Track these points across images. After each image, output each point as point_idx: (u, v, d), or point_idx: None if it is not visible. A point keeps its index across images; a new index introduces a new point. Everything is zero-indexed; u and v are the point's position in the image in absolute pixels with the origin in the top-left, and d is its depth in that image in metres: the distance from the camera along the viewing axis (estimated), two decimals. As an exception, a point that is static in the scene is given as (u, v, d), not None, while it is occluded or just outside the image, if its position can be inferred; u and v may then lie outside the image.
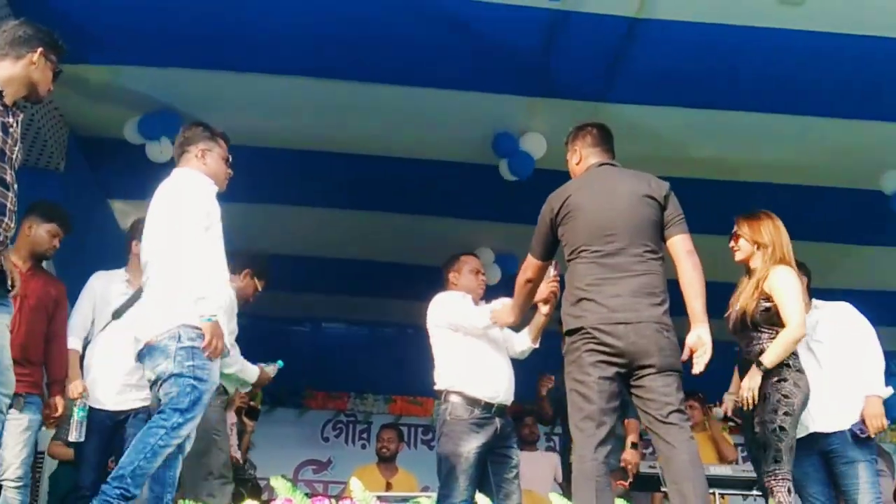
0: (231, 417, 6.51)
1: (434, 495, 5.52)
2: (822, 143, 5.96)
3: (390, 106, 5.67)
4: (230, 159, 4.03)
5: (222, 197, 3.94)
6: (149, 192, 3.96)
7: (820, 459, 4.52)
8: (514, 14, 4.86)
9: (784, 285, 4.11)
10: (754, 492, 5.43)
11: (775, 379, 4.03)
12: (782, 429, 3.98)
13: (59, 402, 4.54)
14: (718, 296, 4.10)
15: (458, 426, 4.49)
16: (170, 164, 4.13)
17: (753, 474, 5.27)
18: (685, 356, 3.63)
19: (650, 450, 6.80)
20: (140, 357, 3.77)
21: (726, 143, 6.04)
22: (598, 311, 3.58)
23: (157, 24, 4.92)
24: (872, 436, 4.47)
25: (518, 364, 4.85)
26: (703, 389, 6.69)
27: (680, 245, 3.71)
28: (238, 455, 6.52)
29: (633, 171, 3.89)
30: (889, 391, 4.66)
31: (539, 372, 6.62)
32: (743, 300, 4.21)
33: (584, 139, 4.02)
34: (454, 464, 4.40)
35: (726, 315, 4.31)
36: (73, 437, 4.58)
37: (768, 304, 4.12)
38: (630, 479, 5.34)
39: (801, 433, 4.51)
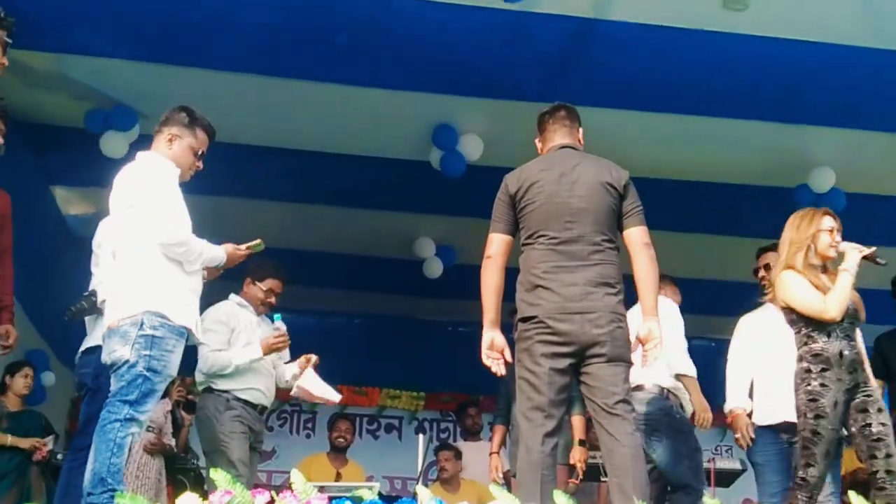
0: (166, 405, 6.47)
1: (377, 485, 5.57)
2: (754, 145, 6.06)
3: (334, 104, 5.69)
4: (202, 153, 3.94)
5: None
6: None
7: (785, 449, 4.60)
8: (462, 14, 4.89)
9: None
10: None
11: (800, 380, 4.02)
12: (816, 433, 3.92)
13: (10, 330, 4.45)
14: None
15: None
16: (121, 158, 4.08)
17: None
18: (634, 348, 3.66)
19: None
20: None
21: (668, 145, 6.10)
22: (554, 299, 3.56)
23: (103, 14, 4.87)
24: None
25: (465, 353, 4.87)
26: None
27: (637, 237, 3.70)
28: (172, 443, 6.48)
29: (594, 157, 3.84)
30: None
31: None
32: (853, 297, 4.14)
33: (548, 121, 3.97)
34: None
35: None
36: None
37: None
38: (580, 477, 5.39)
39: (771, 420, 4.62)
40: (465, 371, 5.99)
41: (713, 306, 6.78)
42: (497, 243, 3.76)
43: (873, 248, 4.18)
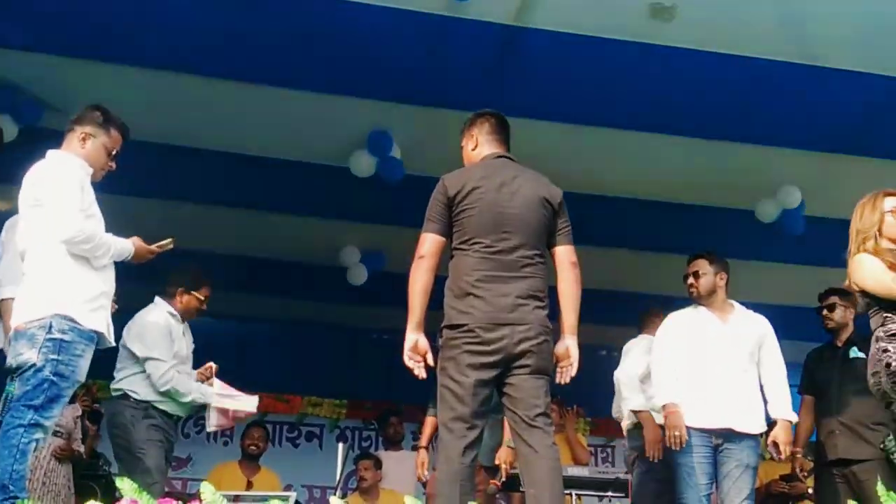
0: (76, 411, 6.31)
1: (293, 495, 5.48)
2: (690, 163, 6.12)
3: (261, 106, 5.61)
4: (116, 153, 3.88)
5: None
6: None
7: (712, 453, 4.63)
8: (392, 19, 4.86)
9: None
10: (609, 493, 5.58)
11: None
12: None
13: None
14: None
15: None
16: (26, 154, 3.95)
17: (609, 476, 5.46)
18: (553, 363, 3.68)
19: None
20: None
21: (598, 159, 6.13)
22: (485, 308, 3.57)
23: (13, 4, 4.72)
24: (783, 458, 4.65)
25: (389, 362, 4.82)
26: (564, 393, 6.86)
27: (565, 256, 3.76)
28: (82, 449, 6.32)
29: (531, 171, 3.86)
30: (795, 417, 4.85)
31: None
32: None
33: (481, 126, 3.96)
34: None
35: None
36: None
37: None
38: (503, 479, 5.38)
39: (705, 424, 4.64)
40: (388, 379, 5.97)
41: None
42: (430, 243, 3.71)
43: None
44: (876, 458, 4.94)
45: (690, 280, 4.92)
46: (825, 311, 5.36)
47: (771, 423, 4.78)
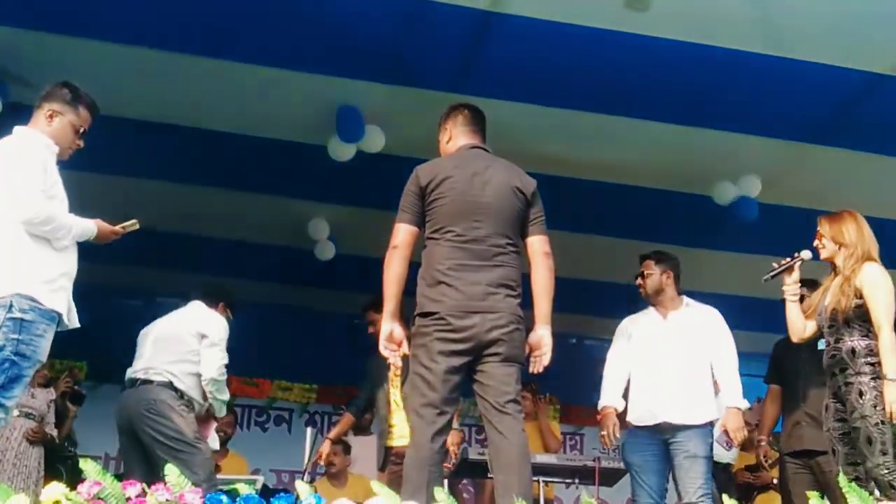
0: (51, 394, 6.29)
1: (260, 479, 5.47)
2: (661, 147, 6.15)
3: (235, 82, 5.54)
4: (84, 131, 3.83)
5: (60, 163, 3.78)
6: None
7: (662, 449, 4.70)
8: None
9: (873, 282, 4.12)
10: (576, 480, 5.62)
11: (870, 377, 4.02)
12: (884, 422, 3.96)
13: None
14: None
15: None
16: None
17: (577, 463, 5.49)
18: (527, 352, 3.72)
19: (483, 435, 6.91)
20: None
21: (572, 142, 6.13)
22: (456, 297, 3.60)
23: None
24: (736, 446, 4.68)
25: (359, 346, 4.81)
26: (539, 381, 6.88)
27: (538, 245, 3.81)
28: (55, 433, 6.29)
29: (504, 161, 3.91)
30: (746, 404, 4.91)
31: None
32: (833, 298, 4.21)
33: (455, 119, 4.01)
34: None
35: (809, 311, 4.35)
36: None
37: (860, 301, 4.11)
38: (454, 461, 5.39)
39: (648, 421, 4.70)
40: (358, 364, 5.94)
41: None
42: (403, 233, 3.76)
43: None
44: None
45: (639, 280, 5.04)
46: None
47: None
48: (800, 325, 4.42)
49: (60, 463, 6.45)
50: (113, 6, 4.89)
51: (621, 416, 4.89)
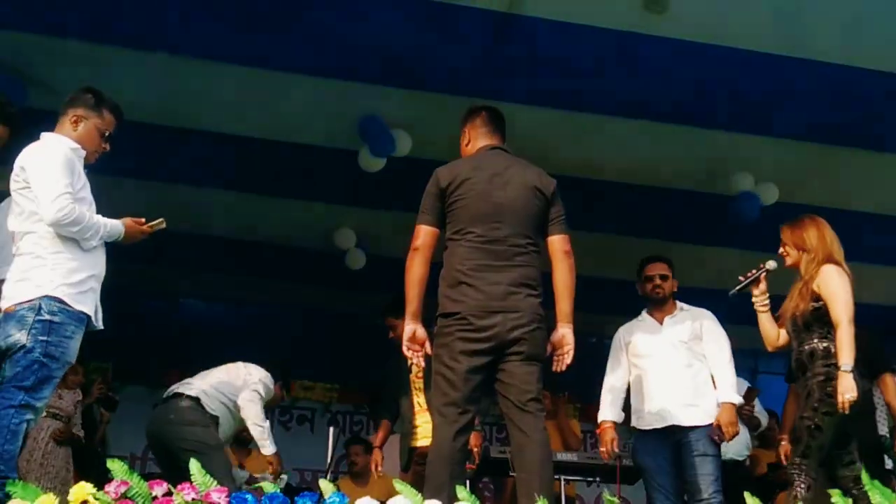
0: (78, 395, 6.35)
1: (284, 477, 5.53)
2: (680, 149, 6.15)
3: (254, 88, 5.61)
4: (109, 134, 3.88)
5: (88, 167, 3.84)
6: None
7: (673, 451, 4.73)
8: (392, 4, 4.88)
9: (831, 283, 4.14)
10: (598, 479, 5.63)
11: (822, 378, 4.04)
12: (818, 427, 3.98)
13: None
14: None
15: None
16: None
17: (598, 461, 5.51)
18: (549, 351, 3.74)
19: (504, 434, 6.93)
20: None
21: (593, 145, 6.14)
22: (477, 297, 3.62)
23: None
24: (728, 440, 4.72)
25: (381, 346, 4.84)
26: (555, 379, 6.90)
27: (559, 245, 3.81)
28: (81, 434, 6.35)
29: (524, 161, 3.92)
30: (740, 400, 4.95)
31: None
32: (792, 302, 4.25)
33: (473, 121, 4.03)
34: None
35: (778, 316, 4.38)
36: None
37: (818, 304, 4.14)
38: (476, 462, 5.43)
39: (657, 424, 4.74)
40: (380, 364, 5.98)
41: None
42: (424, 235, 3.77)
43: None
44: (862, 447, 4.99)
45: (657, 282, 5.00)
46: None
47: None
48: (772, 335, 4.43)
49: (88, 463, 6.52)
50: (137, 14, 4.95)
51: (624, 423, 4.94)
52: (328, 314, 9.01)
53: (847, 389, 3.93)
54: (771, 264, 4.46)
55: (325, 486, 3.04)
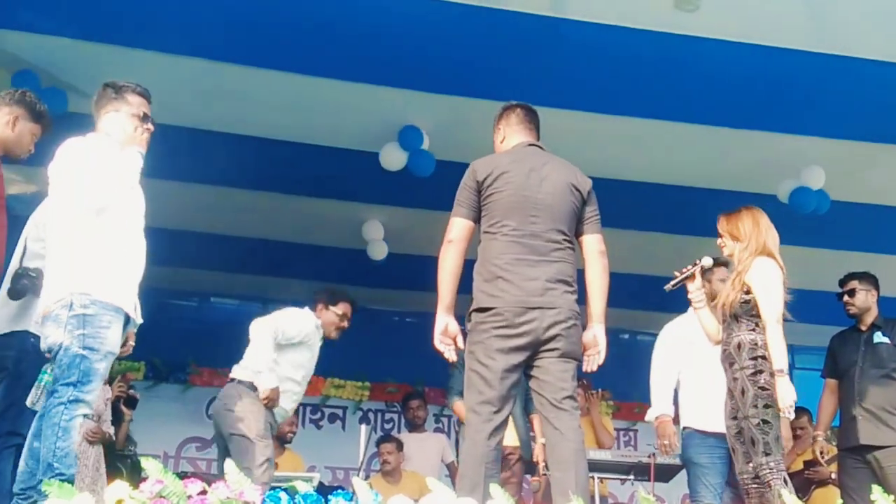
0: (107, 392, 6.39)
1: (317, 476, 5.53)
2: (718, 149, 6.11)
3: (292, 93, 5.64)
4: (145, 114, 3.81)
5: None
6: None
7: (727, 453, 4.65)
8: (424, 8, 4.87)
9: (761, 276, 4.14)
10: (631, 477, 5.58)
11: (751, 373, 4.03)
12: (766, 422, 3.96)
13: None
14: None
15: None
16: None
17: (632, 459, 5.46)
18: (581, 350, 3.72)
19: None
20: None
21: (630, 147, 6.13)
22: (515, 292, 3.59)
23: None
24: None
25: (412, 344, 4.85)
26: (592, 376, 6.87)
27: (594, 244, 3.79)
28: (112, 431, 6.39)
29: (560, 159, 3.89)
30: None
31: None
32: (724, 293, 4.25)
33: (507, 118, 4.01)
34: None
35: (714, 306, 4.36)
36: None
37: (748, 297, 4.13)
38: (543, 473, 5.42)
39: (712, 428, 4.69)
40: (411, 362, 5.99)
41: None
42: (459, 228, 3.74)
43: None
44: (898, 444, 4.94)
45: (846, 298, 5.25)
46: (846, 297, 5.34)
47: None
48: (713, 329, 4.39)
49: (120, 462, 6.54)
50: (173, 19, 4.99)
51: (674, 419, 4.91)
52: (359, 312, 9.01)
53: (786, 395, 3.93)
54: (707, 261, 4.44)
55: (359, 483, 3.03)
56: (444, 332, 3.70)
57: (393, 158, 6.05)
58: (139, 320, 3.76)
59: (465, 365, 3.68)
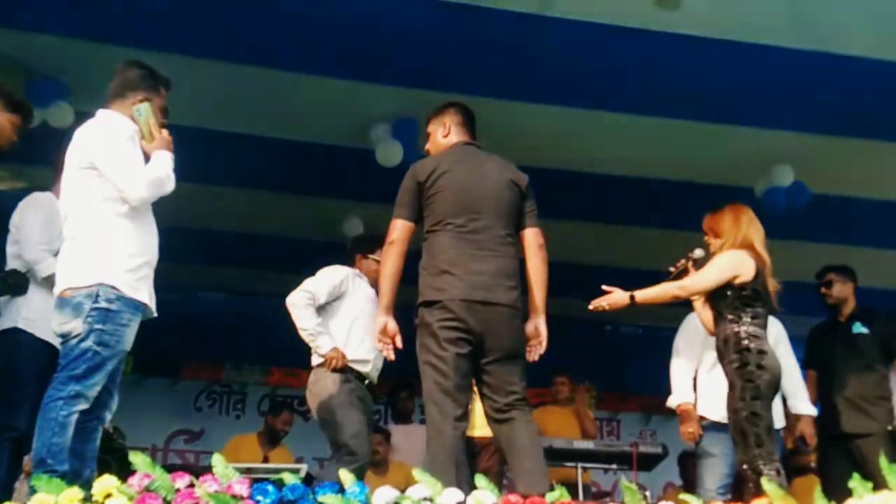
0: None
1: (304, 467, 5.57)
2: (684, 144, 6.14)
3: (277, 89, 5.66)
4: (168, 110, 3.85)
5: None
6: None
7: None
8: (411, 6, 4.91)
9: (714, 261, 4.24)
10: (614, 466, 5.66)
11: (737, 366, 4.06)
12: (755, 414, 3.99)
13: None
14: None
15: None
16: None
17: (615, 448, 5.53)
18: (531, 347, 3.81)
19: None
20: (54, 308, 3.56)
21: (609, 143, 6.14)
22: (459, 286, 3.65)
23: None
24: (811, 448, 4.85)
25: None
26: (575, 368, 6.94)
27: (533, 238, 3.88)
28: (108, 425, 6.40)
29: (497, 157, 3.99)
30: (815, 411, 5.07)
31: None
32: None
33: (454, 115, 4.10)
34: None
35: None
36: None
37: (726, 291, 4.18)
38: None
39: (725, 419, 4.72)
40: (398, 354, 6.00)
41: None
42: (399, 229, 3.82)
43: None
44: (879, 432, 5.02)
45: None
46: (823, 289, 5.43)
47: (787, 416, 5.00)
48: (709, 321, 4.44)
49: (109, 455, 6.55)
50: (175, 19, 5.01)
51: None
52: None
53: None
54: (698, 252, 4.50)
55: (346, 475, 3.07)
56: (384, 332, 3.79)
57: (390, 154, 6.07)
58: (155, 313, 3.75)
59: (419, 360, 3.73)
